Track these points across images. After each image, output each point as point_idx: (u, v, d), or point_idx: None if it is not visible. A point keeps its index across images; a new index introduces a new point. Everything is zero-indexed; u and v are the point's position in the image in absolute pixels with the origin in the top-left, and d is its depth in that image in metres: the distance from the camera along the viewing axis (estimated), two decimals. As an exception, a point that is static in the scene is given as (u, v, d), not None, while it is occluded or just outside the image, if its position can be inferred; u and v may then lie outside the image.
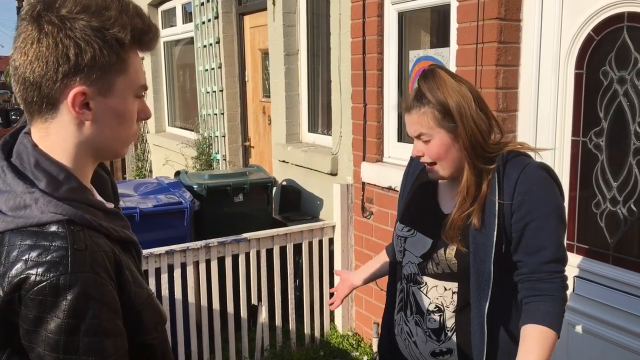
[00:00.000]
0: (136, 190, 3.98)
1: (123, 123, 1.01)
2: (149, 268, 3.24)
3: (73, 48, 0.92)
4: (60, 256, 0.89)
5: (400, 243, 1.70)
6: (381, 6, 3.42)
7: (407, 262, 1.67)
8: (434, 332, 1.62)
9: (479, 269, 1.53)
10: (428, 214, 1.67)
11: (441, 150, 1.54)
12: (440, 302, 1.61)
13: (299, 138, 4.83)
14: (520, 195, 1.50)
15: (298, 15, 4.67)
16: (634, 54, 2.23)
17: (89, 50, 0.92)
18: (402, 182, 1.84)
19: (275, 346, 3.76)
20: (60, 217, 0.92)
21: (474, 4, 2.67)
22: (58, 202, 0.93)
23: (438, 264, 1.59)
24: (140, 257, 1.13)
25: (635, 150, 2.25)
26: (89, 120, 0.97)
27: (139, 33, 0.98)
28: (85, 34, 0.92)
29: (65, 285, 0.88)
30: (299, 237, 3.73)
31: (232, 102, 5.78)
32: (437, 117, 1.52)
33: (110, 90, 0.97)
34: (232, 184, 4.09)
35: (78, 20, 0.92)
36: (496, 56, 2.60)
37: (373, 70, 3.49)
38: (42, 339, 0.88)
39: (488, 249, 1.51)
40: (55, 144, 0.97)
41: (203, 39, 6.00)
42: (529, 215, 1.50)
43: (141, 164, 7.97)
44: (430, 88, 1.53)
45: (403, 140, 3.46)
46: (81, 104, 0.95)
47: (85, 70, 0.93)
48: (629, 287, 2.31)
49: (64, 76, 0.93)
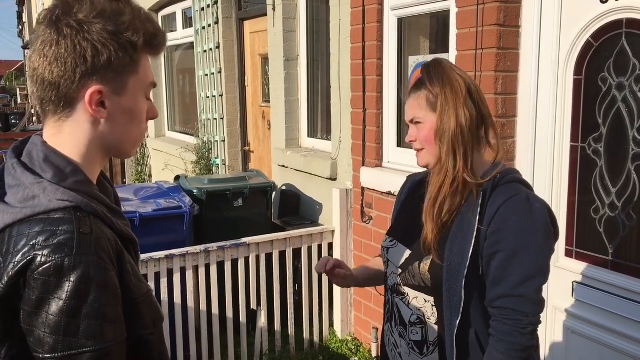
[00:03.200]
0: (136, 195, 3.98)
1: (134, 121, 1.07)
2: (149, 272, 3.25)
3: (90, 50, 0.97)
4: (67, 239, 0.92)
5: (384, 254, 1.70)
6: (381, 12, 3.43)
7: (391, 273, 1.66)
8: (417, 345, 1.58)
9: (450, 286, 1.47)
10: (412, 225, 1.63)
11: (430, 134, 1.52)
12: (421, 314, 1.57)
13: (299, 143, 4.83)
14: (497, 224, 1.43)
15: (298, 20, 4.68)
16: (632, 61, 2.25)
17: (105, 52, 0.98)
18: (397, 199, 1.83)
19: (274, 351, 3.75)
20: (68, 204, 0.96)
21: (473, 10, 2.69)
22: (65, 189, 0.97)
23: (414, 277, 1.56)
24: (139, 258, 1.15)
25: (634, 156, 2.26)
26: (104, 118, 1.02)
27: (150, 37, 1.04)
28: (102, 37, 0.98)
29: (69, 267, 0.90)
30: (299, 241, 3.74)
31: (232, 107, 5.79)
32: (431, 100, 1.52)
33: (124, 89, 1.03)
34: (232, 189, 4.09)
35: (95, 24, 0.98)
36: (495, 62, 2.62)
37: (372, 76, 3.50)
38: (42, 320, 0.90)
39: (461, 268, 1.45)
40: (66, 141, 1.02)
41: (203, 44, 6.02)
42: (499, 244, 1.43)
43: (141, 169, 7.97)
44: (429, 73, 1.53)
45: (402, 146, 3.46)
46: (98, 102, 1.01)
47: (102, 71, 0.99)
48: (628, 293, 2.31)
49: (81, 76, 0.98)
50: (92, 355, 0.91)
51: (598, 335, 2.43)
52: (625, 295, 2.32)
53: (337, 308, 3.94)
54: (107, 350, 0.92)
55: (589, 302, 2.45)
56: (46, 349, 0.90)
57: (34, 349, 0.91)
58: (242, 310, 3.59)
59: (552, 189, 2.57)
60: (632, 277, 2.30)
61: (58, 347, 0.90)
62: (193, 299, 3.44)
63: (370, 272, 1.89)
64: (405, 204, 1.76)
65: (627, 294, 2.32)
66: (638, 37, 2.22)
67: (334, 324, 3.99)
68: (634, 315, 2.29)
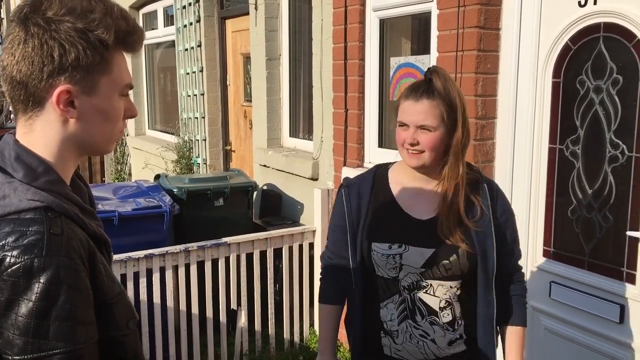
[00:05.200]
0: (115, 194, 3.94)
1: (108, 120, 1.04)
2: (127, 272, 3.21)
3: (57, 49, 0.95)
4: (36, 239, 0.90)
5: (395, 260, 1.71)
6: (363, 13, 3.45)
7: (406, 274, 1.71)
8: (450, 324, 1.72)
9: (486, 265, 1.70)
10: (408, 226, 1.71)
11: (438, 143, 1.64)
12: (448, 297, 1.71)
13: (280, 143, 4.83)
14: (501, 207, 1.76)
15: (280, 20, 4.68)
16: (609, 64, 2.28)
17: (73, 50, 0.96)
18: (347, 208, 1.77)
19: (254, 351, 3.74)
20: (38, 204, 0.94)
21: (454, 12, 2.71)
22: (36, 189, 0.96)
23: (449, 269, 1.68)
24: (111, 259, 1.14)
25: (611, 158, 2.30)
26: (74, 117, 1.00)
27: (123, 34, 1.01)
28: (69, 35, 0.96)
29: (39, 268, 0.89)
30: (280, 241, 3.73)
31: (213, 106, 5.76)
32: (446, 112, 1.62)
33: (94, 89, 1.00)
34: (213, 188, 4.07)
35: (63, 22, 0.96)
36: (475, 64, 2.64)
37: (354, 76, 3.51)
38: (11, 322, 0.88)
39: (490, 246, 1.70)
40: (37, 140, 1.01)
41: (185, 42, 5.98)
42: (508, 222, 1.77)
43: (120, 167, 7.89)
44: (444, 84, 1.62)
45: (384, 146, 3.48)
46: (66, 102, 0.99)
47: (70, 70, 0.97)
48: (604, 293, 2.35)
49: (48, 75, 0.96)
50: (63, 357, 0.90)
51: (575, 335, 2.47)
52: (601, 295, 2.36)
53: (317, 308, 3.94)
54: (78, 352, 0.91)
55: (566, 302, 2.49)
56: (15, 351, 0.88)
57: (3, 351, 0.90)
58: (222, 310, 3.57)
59: (530, 189, 2.60)
60: (608, 277, 2.34)
61: (27, 348, 0.88)
62: (172, 299, 3.41)
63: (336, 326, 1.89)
64: (375, 210, 1.75)
65: (603, 293, 2.35)
66: (615, 40, 2.26)
67: (315, 324, 3.99)
68: (609, 315, 2.33)
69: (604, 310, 2.34)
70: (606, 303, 2.34)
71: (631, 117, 2.21)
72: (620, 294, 2.29)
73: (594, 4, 2.31)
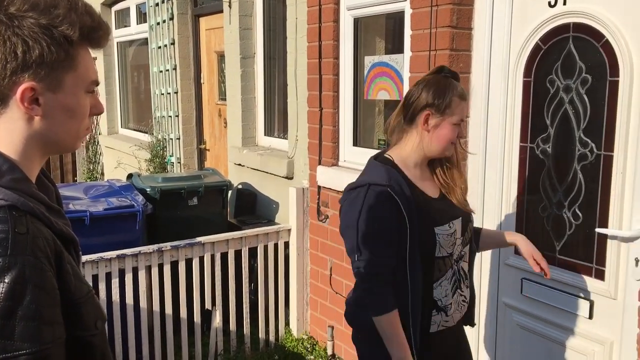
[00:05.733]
0: (86, 193, 3.88)
1: (73, 118, 1.03)
2: (99, 273, 3.17)
3: (21, 45, 0.94)
4: (1, 239, 0.89)
5: (453, 236, 1.94)
6: (337, 12, 3.45)
7: (456, 247, 1.96)
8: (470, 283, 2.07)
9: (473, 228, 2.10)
10: (440, 205, 1.97)
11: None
12: (468, 260, 2.05)
13: (255, 141, 4.81)
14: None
15: (254, 18, 4.66)
16: (579, 63, 2.32)
17: (37, 47, 0.95)
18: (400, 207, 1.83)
19: (229, 351, 3.72)
20: (3, 203, 0.93)
21: (427, 11, 2.73)
22: (1, 188, 0.94)
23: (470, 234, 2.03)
24: (80, 258, 1.12)
25: (580, 156, 2.34)
26: (39, 115, 0.99)
27: (88, 30, 1.00)
28: (32, 32, 0.94)
29: (3, 267, 0.88)
30: (255, 240, 3.72)
31: (187, 104, 5.71)
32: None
33: (59, 86, 0.99)
34: (187, 187, 4.04)
35: (26, 18, 0.94)
36: (448, 63, 2.66)
37: (329, 75, 3.51)
38: None
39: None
40: (2, 138, 0.99)
41: (158, 40, 5.91)
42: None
43: (92, 167, 7.78)
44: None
45: (358, 145, 3.49)
46: (30, 99, 0.97)
47: (34, 67, 0.96)
48: (574, 289, 2.39)
49: (12, 73, 0.95)
50: (29, 358, 0.88)
51: (546, 331, 2.51)
52: (572, 292, 2.40)
53: (293, 307, 3.94)
54: (44, 352, 0.90)
55: (537, 298, 2.52)
56: None
57: None
58: (197, 311, 3.55)
59: (502, 187, 2.63)
60: (578, 274, 2.38)
61: None
62: (146, 300, 3.37)
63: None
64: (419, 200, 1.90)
65: (573, 290, 2.40)
66: (584, 40, 2.29)
67: (290, 323, 3.98)
68: (580, 310, 2.37)
69: (574, 306, 2.39)
70: (575, 298, 2.38)
71: (600, 116, 2.25)
72: (590, 290, 2.33)
73: (563, 4, 2.34)
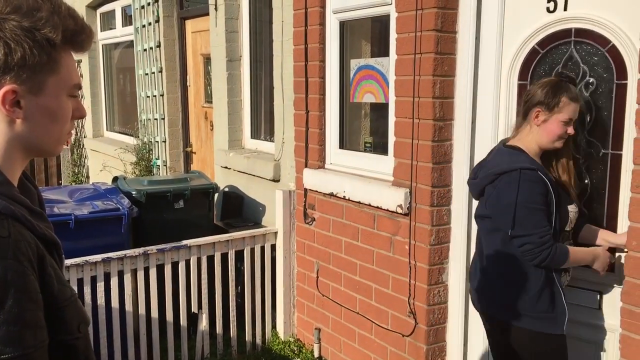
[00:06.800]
0: (71, 197, 3.85)
1: (56, 121, 1.02)
2: (85, 276, 3.15)
3: (2, 48, 0.93)
4: None
5: (574, 214, 2.28)
6: (323, 15, 3.46)
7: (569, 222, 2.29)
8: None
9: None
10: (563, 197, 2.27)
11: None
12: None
13: (242, 144, 4.81)
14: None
15: (241, 21, 4.66)
16: (582, 67, 2.34)
17: (19, 50, 0.94)
18: (549, 186, 2.17)
19: (216, 354, 3.71)
20: None
21: (412, 15, 2.75)
22: None
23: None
24: (63, 262, 1.11)
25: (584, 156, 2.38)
26: (20, 118, 0.98)
27: (71, 33, 0.99)
28: (15, 34, 0.93)
29: None
30: (241, 243, 3.72)
31: (173, 107, 5.70)
32: None
33: (41, 89, 0.98)
34: (173, 190, 4.02)
35: (9, 21, 0.93)
36: (433, 66, 2.68)
37: (315, 78, 3.52)
38: None
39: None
40: None
41: (143, 42, 5.89)
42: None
43: (77, 170, 7.72)
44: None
45: (345, 147, 3.50)
46: (12, 102, 0.96)
47: (16, 70, 0.95)
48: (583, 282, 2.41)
49: None
50: None
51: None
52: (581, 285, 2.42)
53: (279, 310, 3.94)
54: (27, 357, 0.89)
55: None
56: None
57: None
58: (183, 314, 3.54)
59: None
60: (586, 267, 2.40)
61: None
62: (131, 303, 3.36)
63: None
64: (552, 183, 2.20)
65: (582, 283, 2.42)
66: (587, 45, 2.31)
67: (277, 326, 3.98)
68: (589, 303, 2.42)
69: (583, 299, 2.42)
70: (585, 292, 2.43)
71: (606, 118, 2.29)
72: (598, 282, 2.38)
73: (564, 10, 2.36)
